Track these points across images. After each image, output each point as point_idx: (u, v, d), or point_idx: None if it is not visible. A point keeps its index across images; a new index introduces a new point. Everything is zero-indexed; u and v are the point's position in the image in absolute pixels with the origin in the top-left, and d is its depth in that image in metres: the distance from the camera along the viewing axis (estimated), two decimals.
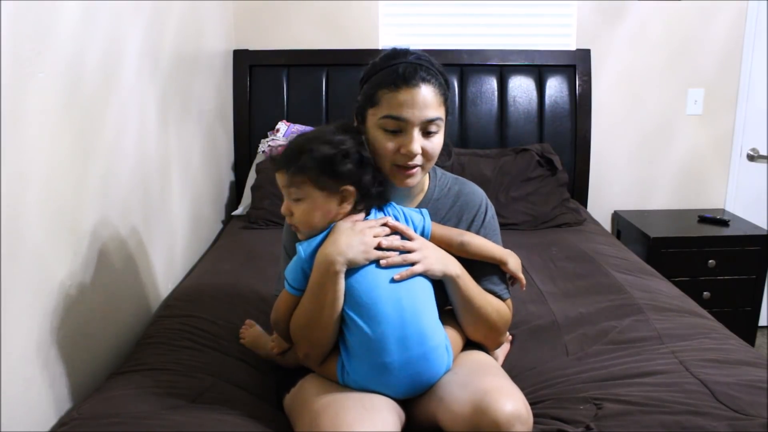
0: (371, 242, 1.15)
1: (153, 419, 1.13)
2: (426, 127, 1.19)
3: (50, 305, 1.22)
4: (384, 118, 1.19)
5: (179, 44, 2.01)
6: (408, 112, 1.17)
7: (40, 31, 1.17)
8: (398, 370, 1.14)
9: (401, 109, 1.17)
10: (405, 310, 1.14)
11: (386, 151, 1.20)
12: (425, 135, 1.20)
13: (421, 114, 1.18)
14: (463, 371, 1.18)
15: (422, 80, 1.18)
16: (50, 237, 1.21)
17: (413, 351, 1.14)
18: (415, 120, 1.18)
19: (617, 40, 2.81)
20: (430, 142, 1.21)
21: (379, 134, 1.20)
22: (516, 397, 1.08)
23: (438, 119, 1.20)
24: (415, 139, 1.18)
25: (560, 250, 2.12)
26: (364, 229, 1.16)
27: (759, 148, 2.90)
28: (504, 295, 1.32)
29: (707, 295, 2.57)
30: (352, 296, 1.15)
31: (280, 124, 2.65)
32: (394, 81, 1.17)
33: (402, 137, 1.19)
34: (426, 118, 1.18)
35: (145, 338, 1.51)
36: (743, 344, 1.47)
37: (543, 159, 2.57)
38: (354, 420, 1.05)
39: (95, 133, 1.40)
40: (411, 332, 1.14)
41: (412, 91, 1.17)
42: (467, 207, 1.33)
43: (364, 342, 1.14)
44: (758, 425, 1.11)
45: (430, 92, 1.18)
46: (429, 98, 1.18)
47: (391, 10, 2.79)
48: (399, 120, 1.17)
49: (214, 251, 2.17)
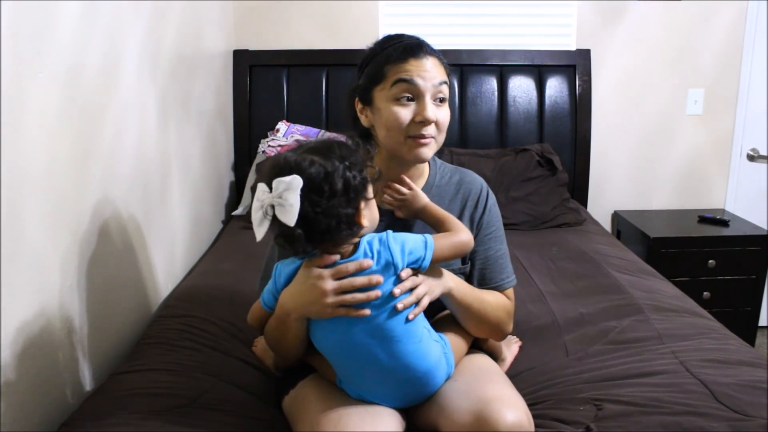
0: (329, 290, 1.04)
1: (153, 419, 1.13)
2: (437, 93, 1.21)
3: (50, 305, 1.22)
4: (396, 83, 1.19)
5: (179, 44, 2.01)
6: (419, 79, 1.19)
7: (40, 31, 1.17)
8: (392, 392, 1.13)
9: (412, 75, 1.19)
10: (379, 355, 1.08)
11: (401, 122, 1.19)
12: (437, 102, 1.21)
13: (432, 78, 1.20)
14: (465, 378, 1.17)
15: (427, 53, 1.21)
16: (50, 237, 1.21)
17: (402, 382, 1.12)
18: (427, 85, 1.19)
19: (617, 40, 2.81)
20: (441, 111, 1.22)
21: (392, 106, 1.20)
22: (518, 407, 1.07)
23: (446, 83, 1.23)
24: (429, 105, 1.19)
25: (560, 250, 2.12)
26: (322, 278, 1.05)
27: (759, 148, 2.90)
28: (504, 286, 1.30)
29: (707, 295, 2.57)
30: (317, 342, 1.12)
31: (280, 124, 2.65)
32: (400, 55, 1.20)
33: (416, 106, 1.20)
34: (436, 81, 1.20)
35: (145, 338, 1.51)
36: (743, 344, 1.47)
37: (543, 159, 2.57)
38: (355, 422, 1.05)
39: (95, 133, 1.40)
40: (395, 369, 1.09)
41: (421, 61, 1.20)
42: (469, 195, 1.33)
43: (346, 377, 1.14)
44: (758, 426, 1.11)
45: (436, 62, 1.22)
46: (436, 66, 1.22)
47: (391, 10, 2.79)
48: (411, 84, 1.19)
49: (214, 251, 2.17)
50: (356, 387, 1.14)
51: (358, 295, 1.04)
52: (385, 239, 1.09)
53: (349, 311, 1.05)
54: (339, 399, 1.12)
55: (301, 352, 1.18)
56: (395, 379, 1.11)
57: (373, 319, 1.06)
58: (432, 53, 1.22)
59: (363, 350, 1.08)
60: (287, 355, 1.20)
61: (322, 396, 1.14)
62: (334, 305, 1.04)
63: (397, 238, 1.10)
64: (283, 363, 1.27)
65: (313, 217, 0.99)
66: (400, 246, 1.08)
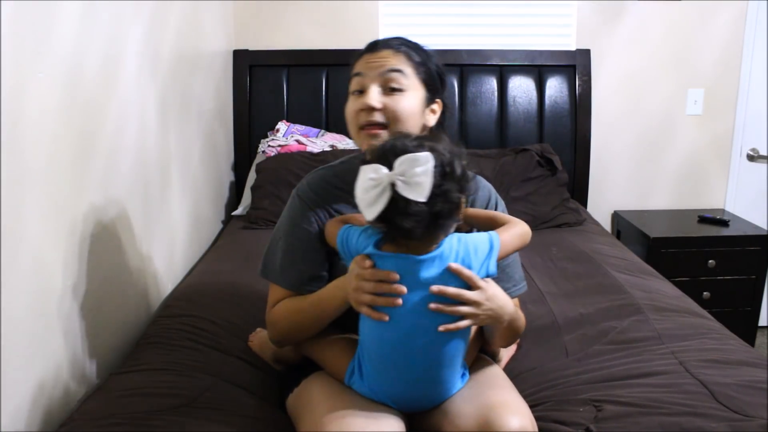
0: (363, 288, 1.05)
1: (153, 419, 1.13)
2: (386, 82, 1.17)
3: (50, 306, 1.22)
4: (351, 78, 1.20)
5: (179, 44, 2.01)
6: (366, 70, 1.18)
7: (40, 31, 1.17)
8: (410, 394, 1.12)
9: (360, 67, 1.19)
10: (425, 355, 1.07)
11: (350, 113, 1.20)
12: (388, 91, 1.18)
13: (379, 67, 1.17)
14: (469, 383, 1.17)
15: (383, 46, 1.19)
16: (50, 237, 1.21)
17: (426, 386, 1.11)
18: (373, 74, 1.18)
19: (617, 40, 2.81)
20: (392, 99, 1.17)
21: (349, 102, 1.21)
22: (522, 413, 1.07)
23: (398, 71, 1.17)
24: (373, 91, 1.17)
25: (560, 250, 2.12)
26: (361, 275, 1.05)
27: (759, 148, 2.90)
28: (515, 293, 1.27)
29: (707, 295, 2.57)
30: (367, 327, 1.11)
31: (280, 124, 2.65)
32: (360, 53, 1.21)
33: (363, 97, 1.18)
34: (382, 69, 1.17)
35: (145, 338, 1.51)
36: (743, 344, 1.48)
37: (543, 159, 2.57)
38: (359, 424, 1.05)
39: (95, 133, 1.40)
40: (427, 371, 1.09)
41: (373, 54, 1.19)
42: (477, 203, 1.29)
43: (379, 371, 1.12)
44: (758, 426, 1.11)
45: (391, 53, 1.19)
46: (387, 57, 1.18)
47: (391, 10, 2.79)
48: (360, 75, 1.18)
49: (214, 251, 2.17)
50: (376, 383, 1.12)
51: (378, 299, 1.04)
52: (464, 241, 1.06)
53: (370, 312, 1.05)
54: (344, 399, 1.12)
55: (312, 334, 1.21)
56: (422, 381, 1.10)
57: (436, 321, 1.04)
58: (389, 46, 1.19)
59: (413, 347, 1.06)
60: (301, 339, 1.22)
61: (327, 396, 1.14)
62: (360, 301, 1.05)
63: (469, 241, 1.07)
64: (287, 355, 1.27)
65: (433, 198, 0.97)
66: (473, 248, 1.06)
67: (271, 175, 2.43)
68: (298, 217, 1.24)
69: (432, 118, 1.24)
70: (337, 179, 1.26)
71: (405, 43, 1.22)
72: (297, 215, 1.24)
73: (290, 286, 1.24)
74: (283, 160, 2.48)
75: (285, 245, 1.25)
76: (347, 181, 1.21)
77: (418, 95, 1.20)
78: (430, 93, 1.22)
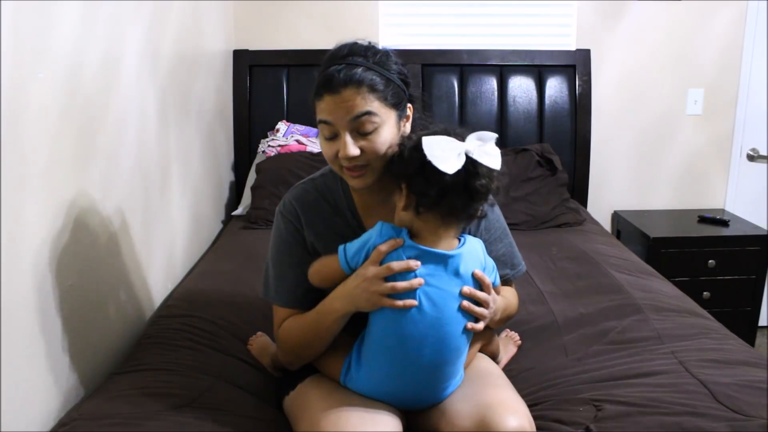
0: (371, 276, 1.08)
1: (153, 419, 1.13)
2: (357, 127, 1.12)
3: (50, 306, 1.22)
4: (319, 123, 1.16)
5: (179, 44, 2.01)
6: (334, 118, 1.12)
7: (40, 31, 1.17)
8: (411, 391, 1.13)
9: (328, 115, 1.13)
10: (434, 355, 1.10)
11: (330, 158, 1.17)
12: (361, 135, 1.13)
13: (346, 115, 1.11)
14: (467, 382, 1.18)
15: (343, 84, 1.11)
16: (50, 237, 1.21)
17: (429, 383, 1.13)
18: (340, 123, 1.12)
19: (617, 40, 2.81)
20: (368, 141, 1.12)
21: (321, 141, 1.18)
22: (520, 413, 1.07)
23: (367, 114, 1.11)
24: (348, 142, 1.12)
25: (560, 250, 2.12)
26: (373, 277, 1.08)
27: (759, 148, 2.90)
28: (514, 277, 1.34)
29: (707, 295, 2.57)
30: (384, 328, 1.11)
31: (280, 124, 2.65)
32: (318, 91, 1.15)
33: (338, 142, 1.14)
34: (351, 116, 1.11)
35: (145, 338, 1.51)
36: (743, 344, 1.48)
37: (543, 159, 2.57)
38: (355, 422, 1.05)
39: (95, 133, 1.40)
40: (433, 368, 1.12)
41: (335, 96, 1.11)
42: None
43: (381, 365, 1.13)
44: (758, 426, 1.11)
45: (353, 93, 1.11)
46: (352, 99, 1.11)
47: (391, 10, 2.79)
48: (328, 124, 1.14)
49: (214, 251, 2.17)
50: (377, 378, 1.12)
51: (399, 284, 1.06)
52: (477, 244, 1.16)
53: (393, 302, 1.06)
54: (340, 398, 1.12)
55: (320, 353, 1.21)
56: (426, 378, 1.11)
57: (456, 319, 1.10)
58: (350, 81, 1.11)
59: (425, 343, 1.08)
60: (311, 356, 1.21)
61: (323, 396, 1.14)
62: (377, 292, 1.06)
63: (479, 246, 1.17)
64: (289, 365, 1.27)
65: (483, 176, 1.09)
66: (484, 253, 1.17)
67: (271, 175, 2.43)
68: (284, 234, 1.25)
69: (408, 125, 1.22)
70: (317, 192, 1.26)
71: (362, 65, 1.13)
72: (282, 232, 1.25)
73: (286, 303, 1.24)
74: (283, 160, 2.48)
75: (274, 264, 1.27)
76: (327, 195, 1.26)
77: (391, 123, 1.15)
78: (401, 109, 1.18)
